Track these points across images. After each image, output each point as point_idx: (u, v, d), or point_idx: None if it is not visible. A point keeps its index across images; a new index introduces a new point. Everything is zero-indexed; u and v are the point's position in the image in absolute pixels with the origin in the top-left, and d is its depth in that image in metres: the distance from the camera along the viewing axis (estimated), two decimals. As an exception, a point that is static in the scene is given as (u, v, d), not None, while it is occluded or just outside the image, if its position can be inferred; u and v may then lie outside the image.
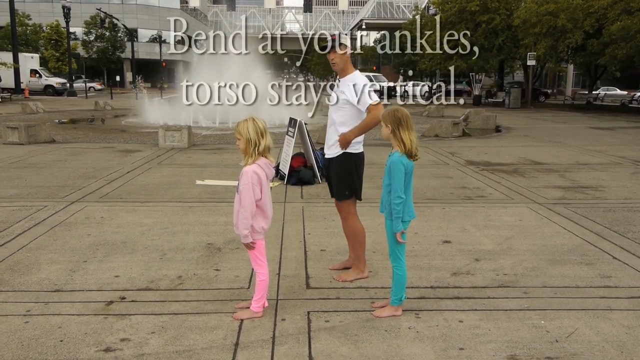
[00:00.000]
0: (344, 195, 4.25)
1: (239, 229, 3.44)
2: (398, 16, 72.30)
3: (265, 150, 3.43)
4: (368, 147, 4.28)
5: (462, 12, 34.01)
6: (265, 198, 3.49)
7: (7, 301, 3.79)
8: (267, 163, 3.46)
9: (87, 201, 6.84)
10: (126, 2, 67.42)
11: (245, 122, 3.41)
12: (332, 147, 4.26)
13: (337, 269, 4.46)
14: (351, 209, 4.28)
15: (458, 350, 3.17)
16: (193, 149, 12.24)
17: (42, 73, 43.97)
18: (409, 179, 3.48)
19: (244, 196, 3.38)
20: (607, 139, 14.95)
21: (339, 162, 4.22)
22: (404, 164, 3.42)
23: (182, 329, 3.39)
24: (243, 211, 3.39)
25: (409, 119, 3.48)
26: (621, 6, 25.73)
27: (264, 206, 3.50)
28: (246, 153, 3.42)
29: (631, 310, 3.73)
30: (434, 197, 7.30)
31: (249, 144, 3.38)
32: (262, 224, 3.51)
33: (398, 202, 3.42)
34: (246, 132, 3.37)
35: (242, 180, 3.40)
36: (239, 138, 3.41)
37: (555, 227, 5.85)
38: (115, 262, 4.62)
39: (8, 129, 12.78)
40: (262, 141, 3.39)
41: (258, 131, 3.38)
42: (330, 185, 4.46)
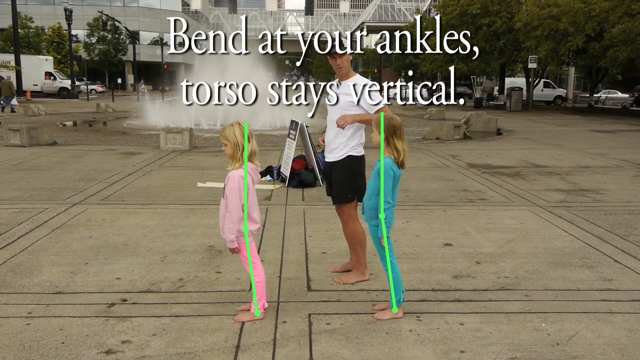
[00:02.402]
0: (347, 198, 4.24)
1: (226, 233, 3.45)
2: (399, 19, 72.37)
3: (252, 155, 3.43)
4: (366, 149, 4.29)
5: (463, 15, 34.03)
6: (252, 202, 3.49)
7: (8, 303, 3.80)
8: (253, 167, 3.46)
9: (88, 203, 6.85)
10: (128, 5, 67.62)
11: (232, 126, 3.41)
12: (334, 150, 4.24)
13: (338, 271, 4.46)
14: (352, 212, 4.28)
15: (459, 353, 3.16)
16: (194, 151, 12.26)
17: (57, 75, 44.14)
18: (395, 185, 3.51)
19: (230, 200, 3.38)
20: (608, 142, 14.94)
21: (342, 165, 4.21)
22: (394, 170, 3.46)
23: (183, 331, 3.40)
24: (230, 215, 3.39)
25: (402, 128, 3.52)
26: (622, 9, 25.75)
27: (250, 210, 3.49)
28: (233, 157, 3.41)
29: (632, 314, 3.73)
30: (435, 199, 7.30)
31: (236, 148, 3.37)
32: (250, 228, 3.51)
33: (386, 207, 3.44)
34: (233, 137, 3.37)
35: (229, 184, 3.40)
36: (226, 143, 3.41)
37: (557, 230, 5.84)
38: (117, 264, 4.62)
39: (10, 131, 12.81)
40: (248, 146, 3.39)
41: (244, 135, 3.38)
42: (330, 190, 4.43)
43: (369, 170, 3.95)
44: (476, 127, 18.59)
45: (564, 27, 27.79)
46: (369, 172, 3.71)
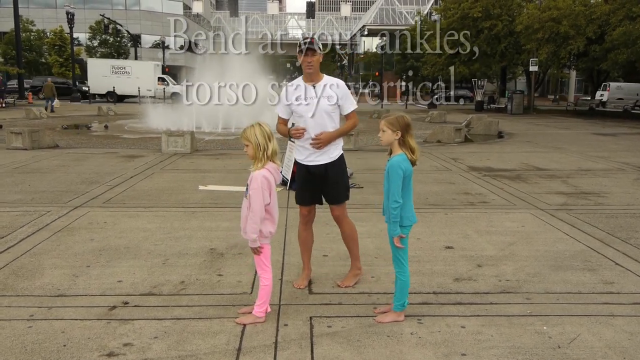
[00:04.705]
0: (346, 196, 4.25)
1: (247, 233, 3.46)
2: (400, 22, 72.52)
3: (273, 155, 3.45)
4: (369, 152, 4.30)
5: (465, 19, 34.06)
6: (273, 203, 3.52)
7: (10, 306, 3.81)
8: (275, 168, 3.48)
9: (90, 206, 6.87)
10: (130, 8, 67.73)
11: (252, 127, 3.43)
12: (327, 152, 4.11)
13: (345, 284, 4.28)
14: (345, 209, 4.30)
15: (460, 356, 3.17)
16: (196, 154, 12.28)
17: (169, 81, 44.42)
18: (408, 182, 3.49)
19: (253, 201, 3.40)
20: (609, 145, 14.94)
21: (338, 165, 4.17)
22: (403, 168, 3.43)
23: (184, 334, 3.40)
24: (252, 216, 3.40)
25: (412, 126, 3.52)
26: (623, 12, 25.77)
27: (272, 211, 3.52)
28: (255, 158, 3.43)
29: (634, 317, 3.73)
30: (436, 202, 7.30)
31: (257, 149, 3.40)
32: (269, 229, 3.54)
33: (395, 206, 3.43)
34: (254, 138, 3.40)
35: (252, 185, 3.42)
36: (247, 144, 3.43)
37: (558, 233, 5.84)
38: (118, 267, 4.63)
39: (12, 134, 12.84)
40: (270, 145, 3.41)
41: (265, 135, 3.41)
42: (319, 193, 4.22)
43: (371, 173, 3.96)
44: (477, 130, 18.59)
45: (565, 30, 27.82)
46: (372, 176, 3.71)
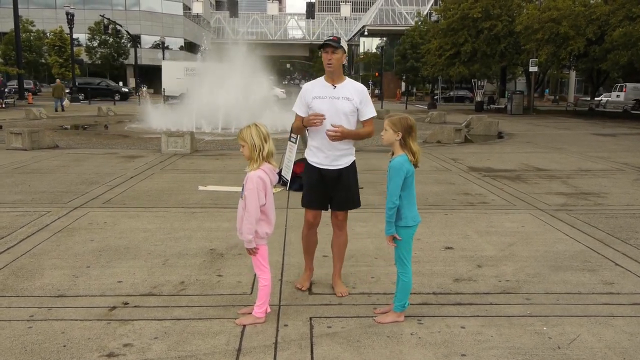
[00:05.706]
0: (358, 202, 4.14)
1: (243, 234, 3.46)
2: (400, 23, 72.54)
3: (269, 155, 3.45)
4: (369, 152, 4.30)
5: (464, 19, 34.07)
6: (269, 204, 3.51)
7: (10, 306, 3.81)
8: (271, 168, 3.48)
9: (90, 207, 6.87)
10: (129, 9, 67.74)
11: (248, 128, 3.43)
12: (341, 157, 3.97)
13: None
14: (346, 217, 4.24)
15: (460, 356, 3.17)
16: (195, 154, 12.28)
17: None
18: (410, 182, 3.49)
19: (249, 201, 3.40)
20: (609, 146, 14.95)
21: (352, 171, 4.06)
22: (404, 169, 3.42)
23: (184, 334, 3.40)
24: (248, 216, 3.40)
25: (416, 128, 3.51)
26: (623, 12, 25.77)
27: (268, 212, 3.52)
28: (251, 159, 3.44)
29: (633, 317, 3.73)
30: (436, 203, 7.30)
31: (253, 149, 3.40)
32: (265, 230, 3.53)
33: (391, 206, 3.43)
34: (250, 138, 3.39)
35: (247, 185, 3.42)
36: (243, 145, 3.43)
37: (558, 233, 5.85)
38: (118, 267, 4.63)
39: (12, 135, 12.84)
40: (265, 146, 3.41)
41: (261, 136, 3.41)
42: (328, 197, 4.10)
43: (371, 174, 3.97)
44: (477, 130, 18.59)
45: (565, 31, 27.82)
46: (371, 177, 3.71)
